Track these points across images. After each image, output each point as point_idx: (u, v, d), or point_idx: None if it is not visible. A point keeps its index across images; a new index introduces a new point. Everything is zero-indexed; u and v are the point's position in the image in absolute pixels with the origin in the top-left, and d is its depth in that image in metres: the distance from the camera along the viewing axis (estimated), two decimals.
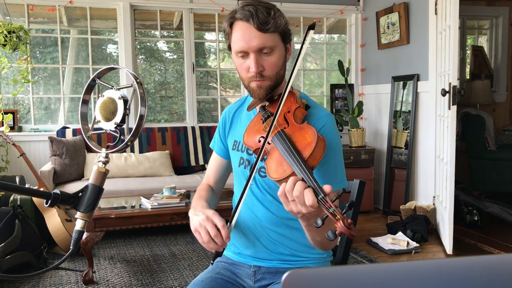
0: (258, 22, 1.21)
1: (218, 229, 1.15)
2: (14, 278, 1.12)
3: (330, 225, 0.96)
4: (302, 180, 1.02)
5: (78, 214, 0.98)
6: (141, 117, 1.02)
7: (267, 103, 1.31)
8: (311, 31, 1.18)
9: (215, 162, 1.53)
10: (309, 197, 0.97)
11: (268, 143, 1.17)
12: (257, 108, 1.34)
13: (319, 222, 0.94)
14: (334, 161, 1.26)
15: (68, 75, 4.62)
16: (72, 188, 3.65)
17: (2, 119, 3.76)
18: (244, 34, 1.23)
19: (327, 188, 0.98)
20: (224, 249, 1.18)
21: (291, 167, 1.06)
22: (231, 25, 1.27)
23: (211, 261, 1.27)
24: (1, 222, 2.80)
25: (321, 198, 0.97)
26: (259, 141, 1.21)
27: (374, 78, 4.84)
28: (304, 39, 1.17)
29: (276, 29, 1.23)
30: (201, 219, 1.17)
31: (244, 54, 1.25)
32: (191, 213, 1.25)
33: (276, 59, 1.26)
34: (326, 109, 1.36)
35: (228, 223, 1.19)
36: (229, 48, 1.31)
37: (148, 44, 4.98)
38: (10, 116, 3.76)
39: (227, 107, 1.52)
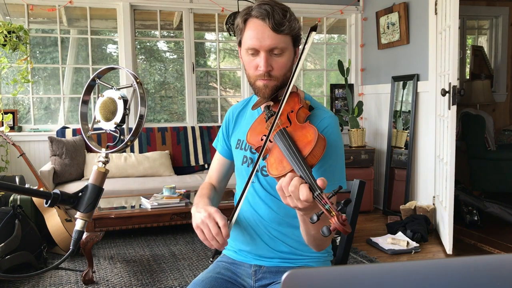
0: (273, 23, 1.22)
1: (219, 227, 1.17)
2: (14, 278, 1.12)
3: (325, 221, 0.97)
4: (300, 176, 1.03)
5: (78, 214, 0.98)
6: (141, 117, 1.02)
7: (271, 103, 1.32)
8: (313, 33, 1.20)
9: (218, 161, 1.53)
10: (303, 192, 0.99)
11: (270, 141, 1.18)
12: (262, 107, 1.35)
13: (315, 218, 0.96)
14: (334, 162, 1.27)
15: (68, 75, 4.62)
16: (72, 188, 3.65)
17: (2, 119, 3.76)
18: (258, 33, 1.24)
19: (320, 182, 0.99)
20: (224, 247, 1.20)
21: (291, 165, 1.07)
22: (245, 21, 1.27)
23: (211, 259, 1.29)
24: (1, 222, 2.80)
25: (317, 195, 0.98)
26: (262, 140, 1.22)
27: (374, 78, 4.84)
28: (306, 40, 1.19)
29: (290, 32, 1.25)
30: (203, 216, 1.19)
31: (255, 52, 1.26)
32: (193, 210, 1.27)
33: (286, 61, 1.27)
34: (330, 110, 1.37)
35: (229, 221, 1.21)
36: (239, 43, 1.32)
37: (148, 44, 4.98)
38: (10, 116, 3.76)
39: (231, 107, 1.53)
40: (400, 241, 3.37)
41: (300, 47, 1.33)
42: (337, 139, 1.29)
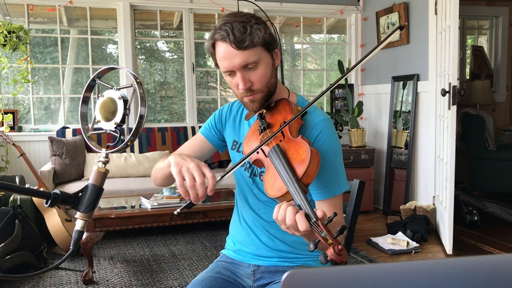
0: (235, 41, 1.20)
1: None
2: (14, 278, 1.12)
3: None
4: (295, 199, 1.03)
5: (78, 214, 0.98)
6: (141, 117, 1.02)
7: (264, 111, 1.32)
8: (398, 31, 1.18)
9: (198, 142, 1.48)
10: (302, 224, 0.97)
11: (266, 156, 1.18)
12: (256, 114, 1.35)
13: (312, 246, 0.94)
14: (335, 166, 1.26)
15: (68, 75, 4.62)
16: (72, 188, 3.65)
17: (2, 119, 3.76)
18: (226, 54, 1.23)
19: (320, 213, 0.98)
20: (200, 201, 1.12)
21: (286, 187, 1.06)
22: (213, 46, 1.26)
23: (178, 210, 1.19)
24: (1, 222, 2.80)
25: (313, 222, 0.97)
26: (257, 153, 1.21)
27: (374, 78, 4.84)
28: (388, 36, 1.17)
29: (254, 44, 1.22)
30: (190, 165, 1.11)
31: (231, 72, 1.26)
32: (172, 157, 1.16)
33: (263, 71, 1.26)
34: (322, 112, 1.35)
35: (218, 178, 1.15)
36: (217, 66, 1.31)
37: (148, 44, 4.98)
38: (10, 116, 3.77)
39: (230, 103, 1.51)
40: (400, 241, 3.37)
41: (298, 46, 1.33)
42: (332, 144, 1.27)
